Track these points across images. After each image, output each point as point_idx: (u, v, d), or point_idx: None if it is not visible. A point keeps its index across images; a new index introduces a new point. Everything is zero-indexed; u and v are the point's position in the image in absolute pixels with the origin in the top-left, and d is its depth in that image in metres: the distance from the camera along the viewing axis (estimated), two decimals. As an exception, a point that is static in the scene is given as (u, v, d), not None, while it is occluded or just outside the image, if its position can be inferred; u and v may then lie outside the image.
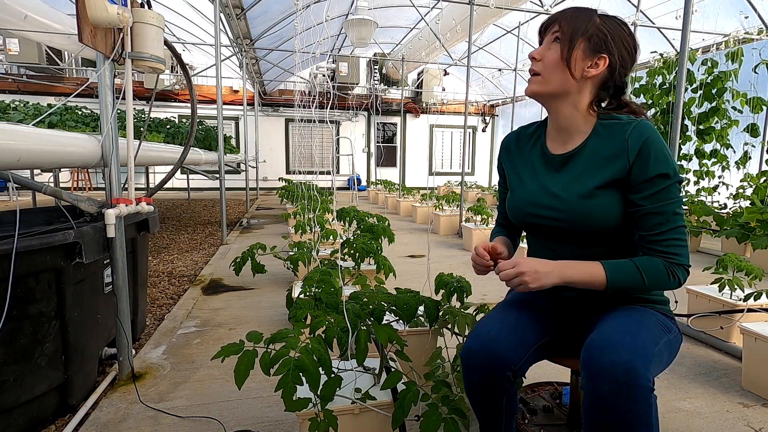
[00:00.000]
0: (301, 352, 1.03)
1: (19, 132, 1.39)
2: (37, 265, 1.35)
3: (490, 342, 0.97)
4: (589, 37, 1.00)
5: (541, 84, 1.04)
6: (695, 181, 5.86)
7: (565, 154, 1.07)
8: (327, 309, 1.33)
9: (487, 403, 1.02)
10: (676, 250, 0.96)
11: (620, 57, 1.02)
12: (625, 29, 1.04)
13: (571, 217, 1.02)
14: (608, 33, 1.01)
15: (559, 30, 1.02)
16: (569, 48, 1.00)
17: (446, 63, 9.53)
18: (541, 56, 1.03)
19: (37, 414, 1.42)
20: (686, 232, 0.99)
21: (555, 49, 1.01)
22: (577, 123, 1.05)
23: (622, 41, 1.02)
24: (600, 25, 1.01)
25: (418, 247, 4.65)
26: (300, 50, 3.58)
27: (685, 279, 0.98)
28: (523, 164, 1.16)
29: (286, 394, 0.98)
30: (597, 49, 1.00)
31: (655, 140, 0.96)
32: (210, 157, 5.57)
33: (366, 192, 11.93)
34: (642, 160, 0.96)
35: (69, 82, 10.16)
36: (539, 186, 1.09)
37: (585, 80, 1.02)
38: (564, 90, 1.02)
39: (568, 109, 1.04)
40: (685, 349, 2.12)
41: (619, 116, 1.03)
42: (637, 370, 0.80)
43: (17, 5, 4.45)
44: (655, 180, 0.96)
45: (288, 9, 7.10)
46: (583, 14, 1.02)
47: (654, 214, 0.97)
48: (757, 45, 5.89)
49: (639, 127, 0.98)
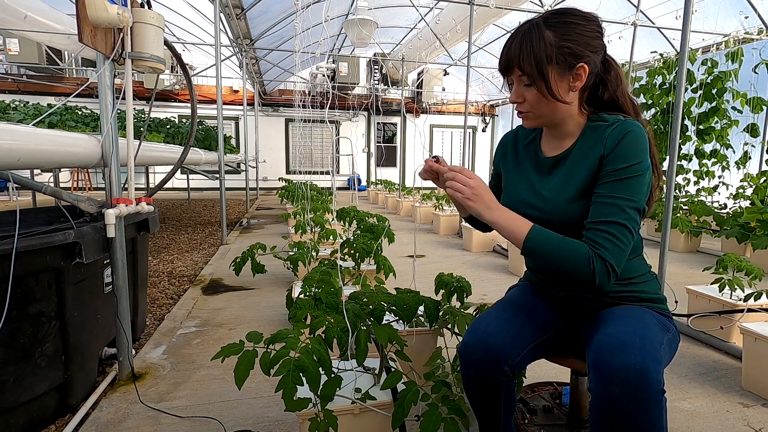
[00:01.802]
0: (301, 352, 1.03)
1: (19, 132, 1.39)
2: (37, 265, 1.35)
3: (486, 336, 0.97)
4: (555, 59, 0.94)
5: (535, 119, 1.03)
6: (695, 181, 5.86)
7: (554, 157, 1.06)
8: (327, 309, 1.33)
9: (486, 400, 1.02)
10: (604, 243, 0.91)
11: (592, 51, 0.96)
12: (578, 20, 0.96)
13: (558, 219, 1.02)
14: (569, 41, 0.94)
15: (523, 74, 0.96)
16: (546, 84, 0.95)
17: (446, 63, 9.54)
18: (522, 98, 1.00)
19: (37, 414, 1.42)
20: (628, 234, 0.92)
21: (531, 91, 0.97)
22: (569, 127, 1.04)
23: (584, 37, 0.96)
24: (555, 38, 0.94)
25: (419, 246, 4.65)
26: (300, 50, 3.58)
27: (604, 277, 0.90)
28: (518, 165, 1.15)
29: (287, 395, 0.98)
30: (570, 65, 0.95)
31: (633, 137, 0.94)
32: (210, 157, 5.57)
33: (366, 192, 11.93)
34: (614, 154, 0.94)
35: (69, 82, 10.16)
36: (530, 187, 1.09)
37: (573, 93, 0.99)
38: (558, 114, 1.01)
39: (562, 118, 1.03)
40: (685, 349, 2.12)
41: (607, 117, 1.01)
42: (649, 372, 0.79)
43: (17, 5, 4.45)
44: (619, 171, 0.93)
45: (288, 9, 7.10)
46: (532, 39, 0.94)
47: (603, 204, 0.94)
48: (757, 45, 5.89)
49: (621, 126, 0.96)
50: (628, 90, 1.06)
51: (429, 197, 6.86)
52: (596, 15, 1.01)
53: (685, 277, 3.55)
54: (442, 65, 11.08)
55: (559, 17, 0.96)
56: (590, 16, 0.99)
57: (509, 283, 1.32)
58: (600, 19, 1.02)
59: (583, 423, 1.31)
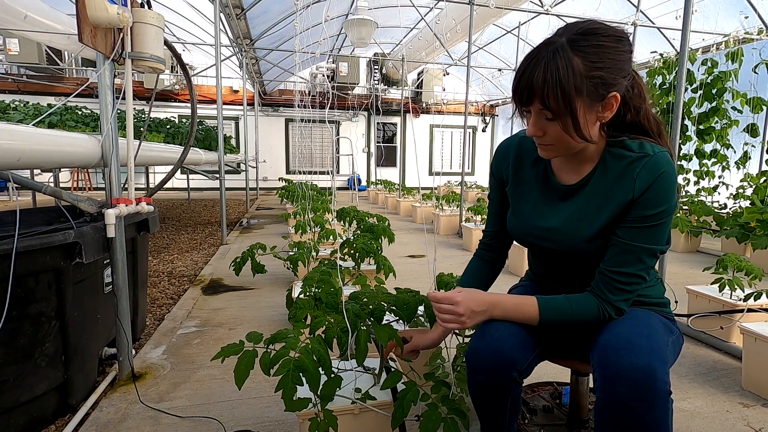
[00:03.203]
0: (300, 352, 1.03)
1: (19, 132, 1.39)
2: (37, 265, 1.35)
3: (495, 342, 0.95)
4: (585, 92, 0.82)
5: (556, 151, 0.92)
6: (695, 181, 5.86)
7: (570, 186, 0.98)
8: (327, 309, 1.33)
9: (492, 404, 1.00)
10: (613, 293, 0.91)
11: (624, 77, 0.85)
12: (610, 41, 0.83)
13: (572, 252, 0.99)
14: (601, 69, 0.81)
15: (545, 108, 0.83)
16: (573, 121, 0.83)
17: (446, 63, 9.53)
18: (543, 131, 0.88)
19: (37, 414, 1.42)
20: (641, 281, 0.92)
21: (554, 126, 0.86)
22: (588, 152, 0.94)
23: (617, 62, 0.83)
24: (585, 65, 0.81)
25: (418, 247, 4.65)
26: (300, 50, 3.58)
27: (613, 317, 0.93)
28: (522, 182, 1.06)
29: (286, 395, 0.98)
30: (601, 96, 0.83)
31: (665, 179, 0.86)
32: (210, 157, 5.57)
33: (366, 192, 11.93)
34: (644, 198, 0.87)
35: (69, 82, 10.16)
36: (536, 213, 1.03)
37: (599, 123, 0.89)
38: (581, 145, 0.90)
39: (584, 146, 0.92)
40: (685, 349, 2.12)
41: (631, 144, 0.91)
42: (656, 372, 0.79)
43: (17, 5, 4.45)
44: (645, 218, 0.88)
45: (288, 9, 7.10)
46: (558, 68, 0.80)
47: (621, 251, 0.91)
48: (757, 45, 5.89)
49: (652, 164, 0.87)
50: (651, 108, 0.95)
51: (429, 197, 6.87)
52: (626, 32, 0.88)
53: (685, 277, 3.55)
54: (442, 65, 11.07)
55: (588, 39, 0.82)
56: (622, 35, 0.85)
57: (510, 283, 1.31)
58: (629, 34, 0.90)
59: (583, 423, 1.31)
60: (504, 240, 1.20)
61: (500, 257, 1.22)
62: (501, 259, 1.22)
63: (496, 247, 1.21)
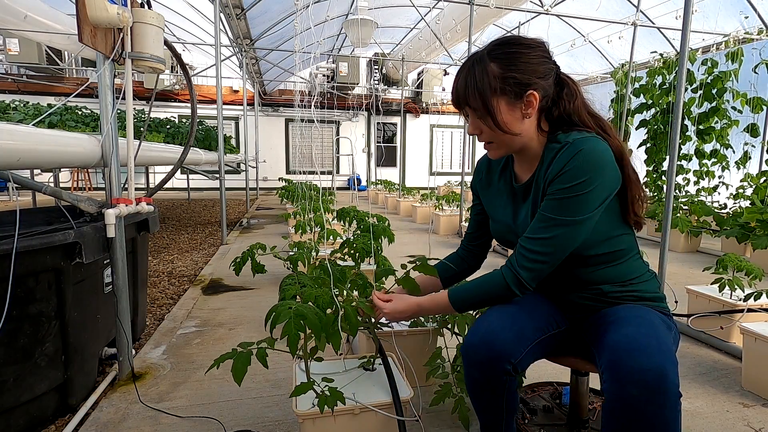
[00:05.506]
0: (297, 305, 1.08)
1: (19, 132, 1.39)
2: (37, 265, 1.35)
3: (488, 335, 0.97)
4: (501, 91, 0.95)
5: (498, 149, 1.04)
6: (695, 181, 5.87)
7: (523, 185, 1.08)
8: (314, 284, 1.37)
9: (488, 399, 1.02)
10: (518, 258, 0.98)
11: (540, 77, 0.96)
12: (521, 48, 0.96)
13: None
14: (513, 71, 0.94)
15: (471, 109, 0.99)
16: (492, 117, 0.96)
17: (446, 63, 9.53)
18: (480, 130, 1.02)
19: (37, 414, 1.42)
20: (550, 250, 0.94)
21: (484, 123, 0.99)
22: (534, 150, 1.04)
23: (530, 64, 0.96)
24: (500, 69, 0.95)
25: (418, 247, 4.64)
26: (300, 50, 3.58)
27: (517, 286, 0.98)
28: (495, 190, 1.18)
29: (291, 342, 1.01)
30: (519, 94, 0.96)
31: (582, 156, 0.91)
32: (210, 157, 5.58)
33: (366, 192, 11.93)
34: (558, 176, 0.94)
35: (69, 82, 10.16)
36: (509, 215, 1.12)
37: (530, 119, 0.99)
38: (518, 141, 1.01)
39: (524, 143, 1.03)
40: (685, 349, 2.12)
41: (561, 136, 0.99)
42: (668, 374, 0.79)
43: (17, 5, 4.45)
44: (556, 191, 0.94)
45: (288, 9, 7.10)
46: (475, 73, 0.96)
47: (536, 219, 0.97)
48: (757, 45, 5.88)
49: (572, 147, 0.94)
50: (590, 104, 1.04)
51: (429, 197, 6.87)
52: (542, 40, 1.01)
53: (685, 277, 3.55)
54: (442, 65, 11.07)
55: (501, 48, 0.97)
56: (534, 43, 0.98)
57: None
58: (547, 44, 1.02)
59: (583, 423, 1.31)
60: (480, 243, 1.33)
61: (478, 254, 1.34)
62: (478, 256, 1.35)
63: (470, 249, 1.34)
